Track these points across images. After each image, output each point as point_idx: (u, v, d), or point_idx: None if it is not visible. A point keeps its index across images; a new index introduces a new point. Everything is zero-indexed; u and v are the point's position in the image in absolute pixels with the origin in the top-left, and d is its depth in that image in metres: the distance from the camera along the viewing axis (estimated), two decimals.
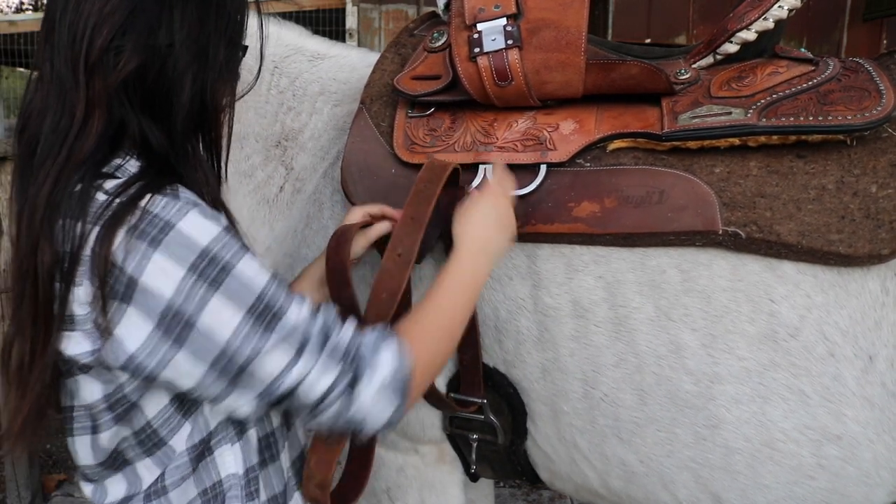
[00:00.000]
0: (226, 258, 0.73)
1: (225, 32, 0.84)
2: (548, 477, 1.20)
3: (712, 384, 0.98)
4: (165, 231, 0.72)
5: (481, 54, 1.05)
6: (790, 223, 0.93)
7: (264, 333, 0.74)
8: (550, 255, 1.06)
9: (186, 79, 0.80)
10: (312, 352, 0.77)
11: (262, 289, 0.75)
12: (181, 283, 0.71)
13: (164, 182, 0.76)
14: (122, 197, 0.73)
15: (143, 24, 0.78)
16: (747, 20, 1.05)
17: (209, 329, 0.72)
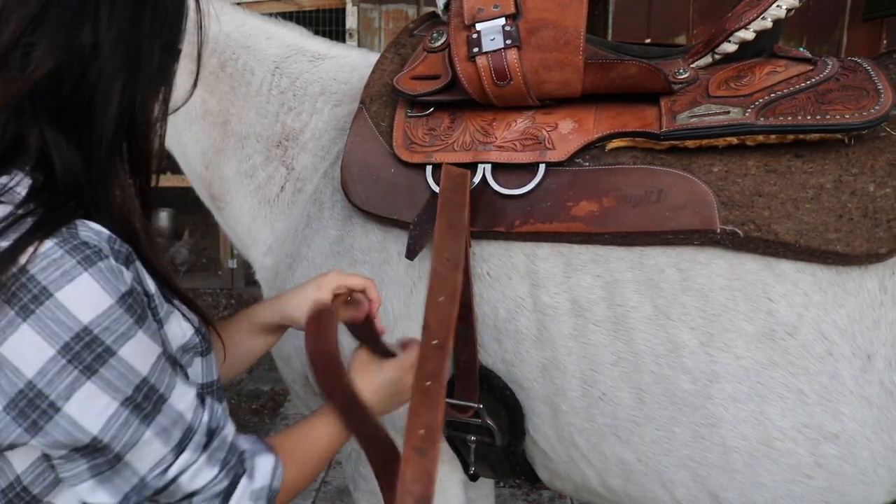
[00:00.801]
0: (107, 342, 0.63)
1: (161, 34, 0.73)
2: (547, 476, 1.20)
3: (710, 383, 0.98)
4: (40, 300, 0.60)
5: (480, 54, 1.06)
6: (788, 222, 0.93)
7: (140, 425, 0.66)
8: (549, 254, 1.06)
9: (115, 88, 0.69)
10: (197, 445, 0.71)
11: (144, 376, 0.66)
12: (47, 365, 0.61)
13: (63, 218, 0.64)
14: (3, 240, 0.62)
15: (61, 18, 0.66)
16: (746, 20, 1.05)
17: (76, 418, 0.62)
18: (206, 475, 0.71)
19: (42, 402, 0.61)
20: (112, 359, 0.63)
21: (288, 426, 0.91)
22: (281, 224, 1.36)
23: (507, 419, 1.14)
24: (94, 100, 0.68)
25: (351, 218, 1.20)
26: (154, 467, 0.68)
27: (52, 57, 0.65)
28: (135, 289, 0.67)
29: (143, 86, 0.72)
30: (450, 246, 0.96)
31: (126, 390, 0.64)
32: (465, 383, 1.11)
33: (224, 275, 4.95)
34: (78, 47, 0.66)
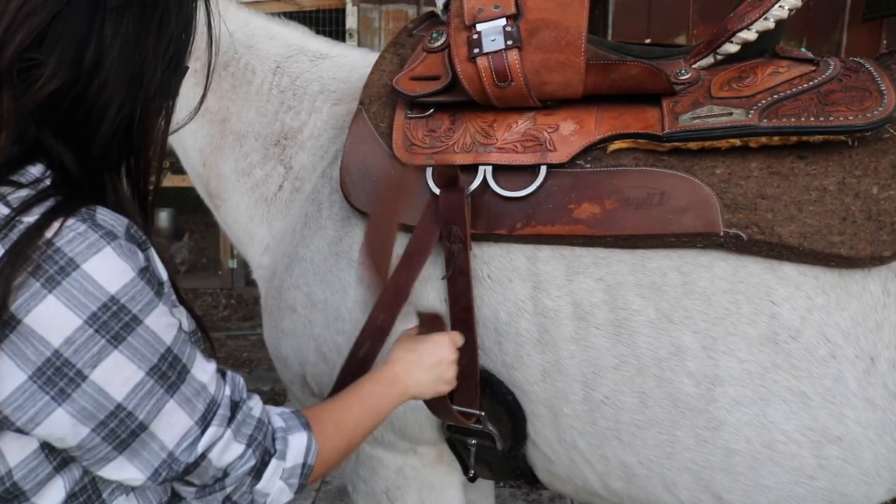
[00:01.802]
0: (134, 311, 0.64)
1: (165, 53, 0.73)
2: (547, 478, 1.20)
3: (713, 386, 0.98)
4: (67, 271, 0.61)
5: (481, 55, 1.05)
6: (791, 225, 0.93)
7: (165, 393, 0.67)
8: (551, 256, 1.05)
9: (112, 106, 0.69)
10: (222, 419, 0.71)
11: (168, 345, 0.67)
12: (74, 334, 0.62)
13: (82, 202, 0.66)
14: (27, 215, 0.63)
15: (68, 34, 0.66)
16: (748, 20, 1.05)
17: (102, 386, 0.63)
18: (233, 451, 0.71)
19: (69, 370, 0.62)
20: (139, 327, 0.65)
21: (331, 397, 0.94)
22: (279, 223, 1.35)
23: (510, 424, 1.13)
24: (90, 116, 0.69)
25: (350, 218, 1.20)
26: (181, 440, 0.68)
27: (61, 74, 0.66)
28: (150, 266, 0.69)
29: (143, 103, 0.72)
30: None
31: (152, 359, 0.66)
32: (465, 387, 1.11)
33: (224, 275, 4.95)
34: (82, 64, 0.67)
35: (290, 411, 0.80)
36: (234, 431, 0.72)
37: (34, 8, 0.65)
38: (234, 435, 0.72)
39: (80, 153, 0.70)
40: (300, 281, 1.23)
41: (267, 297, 1.34)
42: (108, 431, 0.65)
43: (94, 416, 0.64)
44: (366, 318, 1.13)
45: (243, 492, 0.73)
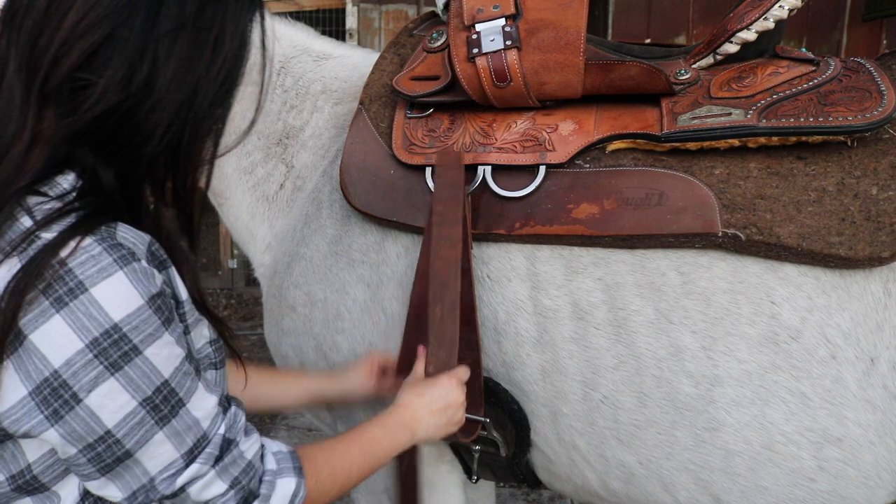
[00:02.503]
0: (135, 340, 0.64)
1: (218, 75, 0.71)
2: (547, 478, 1.20)
3: (712, 387, 0.98)
4: (75, 293, 0.62)
5: (480, 55, 1.05)
6: (790, 225, 0.93)
7: (155, 425, 0.66)
8: (550, 256, 1.05)
9: (160, 128, 0.69)
10: (209, 457, 0.70)
11: (166, 378, 0.67)
12: (74, 357, 0.62)
13: (103, 218, 0.66)
14: (47, 231, 0.63)
15: (120, 55, 0.65)
16: (747, 20, 1.05)
17: (94, 411, 0.63)
18: (214, 489, 0.71)
19: (65, 392, 0.62)
20: (137, 358, 0.64)
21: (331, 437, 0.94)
22: (280, 222, 1.36)
23: (514, 432, 1.13)
24: (137, 136, 0.68)
25: (349, 217, 1.20)
26: (164, 470, 0.68)
27: (109, 96, 0.65)
28: (164, 291, 0.68)
29: (193, 124, 0.71)
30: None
31: (146, 390, 0.65)
32: (470, 388, 1.11)
33: (224, 275, 4.95)
34: (133, 85, 0.66)
35: (287, 451, 0.79)
36: (220, 471, 0.71)
37: (88, 28, 0.64)
38: (219, 474, 0.71)
39: (121, 171, 0.70)
40: (300, 280, 1.23)
41: (268, 296, 1.34)
42: (95, 454, 0.65)
43: (83, 439, 0.64)
44: (364, 317, 1.14)
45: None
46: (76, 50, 0.64)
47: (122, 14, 0.65)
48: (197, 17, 0.69)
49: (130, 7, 0.65)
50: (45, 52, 0.64)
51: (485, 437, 1.15)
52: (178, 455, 0.68)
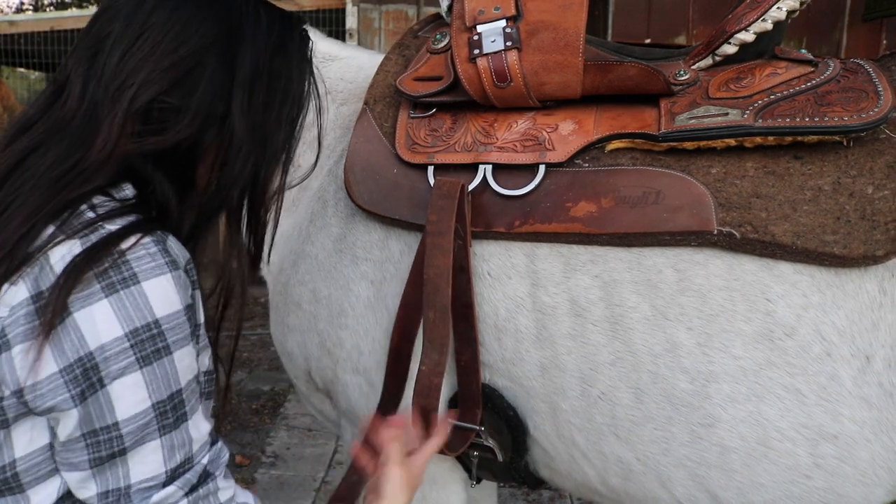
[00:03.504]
0: (169, 340, 0.67)
1: (287, 117, 0.81)
2: (548, 474, 1.21)
3: (708, 383, 0.99)
4: (128, 283, 0.65)
5: (481, 56, 1.06)
6: (785, 224, 0.94)
7: (155, 431, 0.68)
8: (549, 254, 1.07)
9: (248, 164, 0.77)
10: (185, 483, 0.71)
11: (181, 387, 0.69)
12: (111, 343, 0.64)
13: (159, 225, 0.70)
14: (110, 223, 0.67)
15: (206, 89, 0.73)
16: (745, 21, 1.06)
17: (113, 400, 0.65)
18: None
19: (94, 375, 0.64)
20: (166, 357, 0.67)
21: None
22: (286, 221, 1.37)
23: (510, 437, 1.14)
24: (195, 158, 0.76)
25: (354, 216, 1.21)
26: (145, 481, 0.68)
27: (193, 126, 0.73)
28: (194, 305, 0.72)
29: (266, 161, 0.80)
30: None
31: (163, 394, 0.68)
32: (467, 384, 1.12)
33: None
34: (212, 119, 0.74)
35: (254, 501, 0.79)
36: (191, 501, 0.71)
37: (176, 60, 0.72)
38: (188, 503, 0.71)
39: (185, 191, 0.76)
40: (305, 277, 1.25)
41: (274, 293, 1.36)
42: (95, 442, 0.66)
43: (91, 424, 0.65)
44: (368, 313, 1.15)
45: None
46: (156, 86, 0.71)
47: (207, 54, 0.74)
48: (269, 66, 0.78)
49: (214, 50, 0.74)
50: (134, 77, 0.71)
51: (482, 444, 1.16)
52: (163, 470, 0.69)
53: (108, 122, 0.70)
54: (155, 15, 0.73)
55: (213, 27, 0.75)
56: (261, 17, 0.79)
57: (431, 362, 1.06)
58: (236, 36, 0.76)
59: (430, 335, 1.06)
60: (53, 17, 5.24)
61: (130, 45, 0.71)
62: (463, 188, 1.06)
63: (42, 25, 4.90)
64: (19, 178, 0.69)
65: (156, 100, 0.72)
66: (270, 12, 0.82)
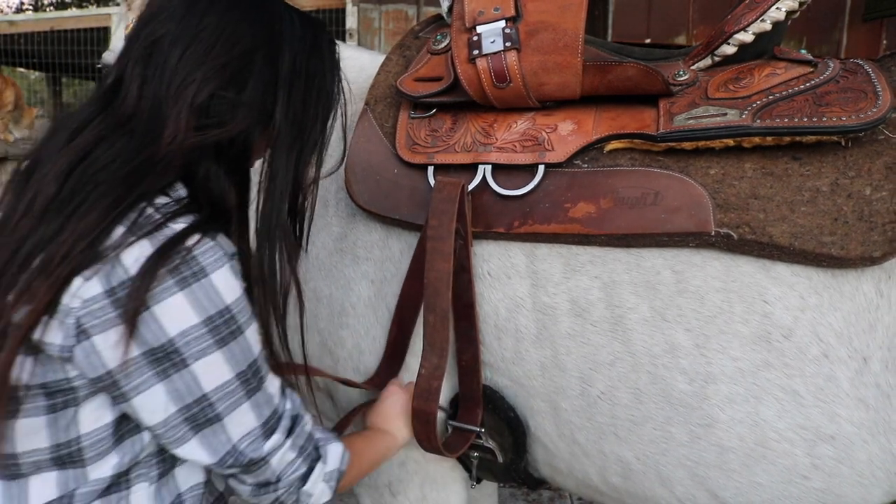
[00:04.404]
0: (240, 321, 0.76)
1: (321, 114, 0.89)
2: (549, 472, 1.21)
3: (706, 384, 0.99)
4: (198, 277, 0.72)
5: (480, 56, 1.07)
6: (783, 225, 0.94)
7: (244, 396, 0.77)
8: (548, 254, 1.07)
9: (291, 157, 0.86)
10: (284, 429, 0.83)
11: (255, 357, 0.78)
12: (190, 329, 0.72)
13: (212, 225, 0.77)
14: (175, 223, 0.74)
15: (255, 86, 0.81)
16: (744, 22, 1.06)
17: (198, 376, 0.73)
18: (288, 458, 0.83)
19: (175, 357, 0.72)
20: (240, 336, 0.76)
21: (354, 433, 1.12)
22: None
23: (511, 439, 1.15)
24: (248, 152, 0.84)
25: (354, 216, 1.21)
26: (245, 437, 0.78)
27: (248, 119, 0.81)
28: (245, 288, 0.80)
29: (306, 152, 0.89)
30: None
31: (242, 365, 0.77)
32: (468, 382, 1.12)
33: None
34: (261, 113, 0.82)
35: (322, 427, 0.92)
36: (292, 442, 0.83)
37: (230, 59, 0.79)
38: (291, 446, 0.83)
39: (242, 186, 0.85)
40: (307, 276, 1.25)
41: None
42: (191, 415, 0.74)
43: (182, 399, 0.74)
44: (369, 312, 1.15)
45: (291, 491, 0.84)
46: (221, 75, 0.79)
47: (256, 54, 0.81)
48: (306, 66, 0.86)
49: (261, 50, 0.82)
50: (194, 74, 0.78)
51: (482, 445, 1.17)
52: (257, 424, 0.79)
53: (174, 117, 0.76)
54: (207, 18, 0.80)
55: (259, 30, 0.82)
56: (295, 22, 0.87)
57: (431, 366, 1.08)
58: (277, 39, 0.83)
59: (430, 339, 1.07)
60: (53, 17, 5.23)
61: (187, 46, 0.78)
62: (463, 188, 1.06)
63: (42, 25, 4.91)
64: (89, 169, 0.74)
65: (215, 95, 0.78)
66: (302, 18, 0.89)
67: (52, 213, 0.72)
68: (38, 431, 0.74)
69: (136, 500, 0.79)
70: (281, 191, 0.87)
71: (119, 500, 0.78)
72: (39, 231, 0.71)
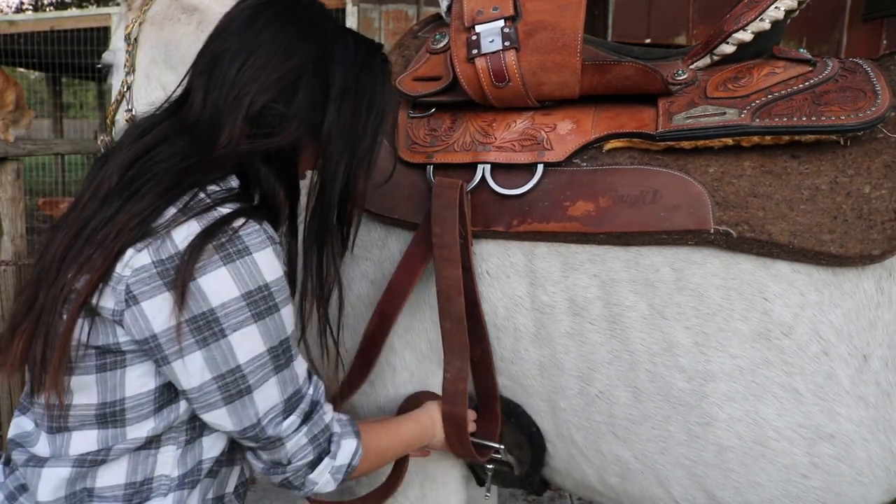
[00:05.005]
0: (277, 300, 0.81)
1: (371, 128, 0.94)
2: (547, 472, 1.21)
3: (705, 382, 0.99)
4: (242, 255, 0.78)
5: (479, 56, 1.07)
6: (782, 223, 0.94)
7: (272, 371, 0.83)
8: (547, 253, 1.07)
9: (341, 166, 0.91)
10: (302, 412, 0.88)
11: (287, 336, 0.84)
12: (230, 301, 0.77)
13: (259, 213, 0.83)
14: (223, 207, 0.80)
15: (306, 100, 0.87)
16: (743, 21, 1.06)
17: (234, 347, 0.79)
18: (300, 443, 0.88)
19: (216, 327, 0.77)
20: (276, 313, 0.82)
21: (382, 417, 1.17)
22: None
23: (531, 453, 1.16)
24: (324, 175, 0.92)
25: None
26: (268, 412, 0.84)
27: (296, 132, 0.87)
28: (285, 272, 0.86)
29: (356, 163, 0.93)
30: None
31: (274, 341, 0.82)
32: (482, 383, 1.12)
33: None
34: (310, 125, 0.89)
35: (347, 418, 0.97)
36: (308, 428, 0.88)
37: (284, 73, 0.86)
38: (307, 432, 0.88)
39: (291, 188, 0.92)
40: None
41: None
42: (224, 384, 0.80)
43: (218, 368, 0.79)
44: (368, 312, 1.15)
45: (298, 475, 0.90)
46: (274, 88, 0.85)
47: (307, 69, 0.88)
48: (357, 82, 0.91)
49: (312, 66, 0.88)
50: (250, 86, 0.84)
51: (499, 459, 1.18)
52: (281, 399, 0.84)
53: (229, 125, 0.84)
54: (263, 34, 0.87)
55: (311, 47, 0.88)
56: (349, 42, 0.93)
57: (454, 369, 1.10)
58: (329, 56, 0.90)
59: (450, 344, 1.09)
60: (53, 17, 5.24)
61: (245, 60, 0.85)
62: (462, 188, 1.06)
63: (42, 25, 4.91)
64: (148, 163, 0.82)
65: (267, 107, 0.85)
66: (356, 37, 0.96)
67: (113, 197, 0.80)
68: (89, 388, 0.81)
69: (162, 459, 0.85)
70: (330, 200, 0.93)
71: (148, 456, 0.84)
72: (101, 213, 0.80)
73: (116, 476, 0.83)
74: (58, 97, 8.99)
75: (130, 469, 0.84)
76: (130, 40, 1.41)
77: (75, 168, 8.18)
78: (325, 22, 0.92)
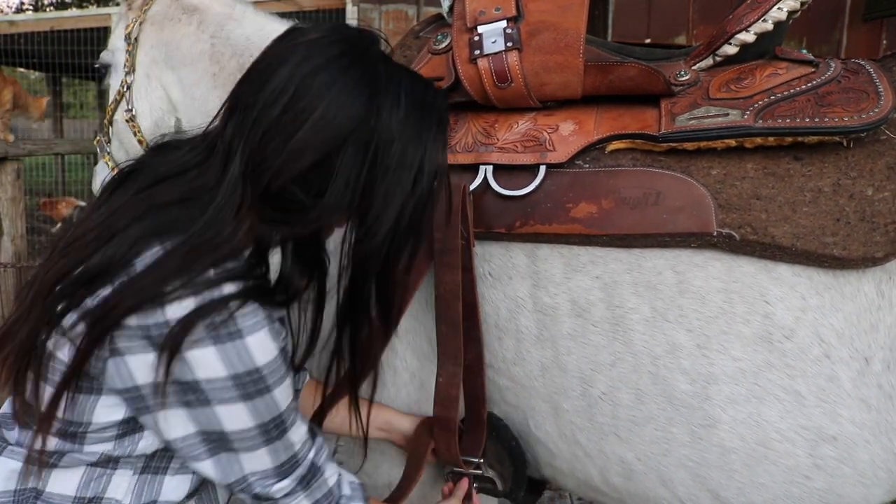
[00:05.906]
0: (268, 383, 0.77)
1: (417, 205, 0.83)
2: (550, 473, 1.21)
3: (708, 384, 0.99)
4: (233, 337, 0.74)
5: (481, 56, 1.06)
6: (785, 225, 0.94)
7: (262, 443, 0.80)
8: (549, 255, 1.07)
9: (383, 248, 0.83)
10: (299, 477, 0.84)
11: (282, 412, 0.80)
12: (216, 380, 0.74)
13: (264, 295, 0.78)
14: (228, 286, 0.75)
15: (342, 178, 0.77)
16: (746, 22, 1.06)
17: (219, 417, 0.76)
18: None
19: (201, 395, 0.75)
20: (268, 395, 0.78)
21: None
22: None
23: (512, 468, 1.16)
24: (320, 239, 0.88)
25: None
26: (256, 472, 0.81)
27: (319, 220, 0.80)
28: (285, 347, 0.82)
29: (397, 246, 0.84)
30: None
31: (265, 418, 0.78)
32: (473, 385, 1.12)
33: None
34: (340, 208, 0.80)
35: (358, 483, 0.94)
36: (308, 493, 0.85)
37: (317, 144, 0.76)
38: (307, 495, 0.85)
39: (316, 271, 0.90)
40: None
41: None
42: (208, 441, 0.78)
43: (202, 425, 0.77)
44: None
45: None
46: (302, 161, 0.76)
47: (346, 141, 0.76)
48: (402, 157, 0.80)
49: (354, 138, 0.77)
50: (275, 158, 0.76)
51: (481, 475, 1.19)
52: (271, 466, 0.81)
53: (246, 208, 0.77)
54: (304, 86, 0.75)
55: (358, 110, 0.76)
56: (400, 104, 0.80)
57: (448, 374, 1.10)
58: (374, 126, 0.78)
59: (444, 348, 1.09)
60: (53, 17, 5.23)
61: (272, 124, 0.75)
62: (464, 189, 1.06)
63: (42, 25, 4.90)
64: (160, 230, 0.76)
65: (288, 190, 0.77)
66: (411, 96, 0.82)
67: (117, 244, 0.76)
68: (58, 401, 0.78)
69: (116, 482, 0.82)
70: (367, 274, 0.85)
71: (102, 475, 0.82)
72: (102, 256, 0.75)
73: (68, 486, 0.81)
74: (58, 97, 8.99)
75: (83, 482, 0.81)
76: (130, 40, 1.41)
77: (75, 168, 8.17)
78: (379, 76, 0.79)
